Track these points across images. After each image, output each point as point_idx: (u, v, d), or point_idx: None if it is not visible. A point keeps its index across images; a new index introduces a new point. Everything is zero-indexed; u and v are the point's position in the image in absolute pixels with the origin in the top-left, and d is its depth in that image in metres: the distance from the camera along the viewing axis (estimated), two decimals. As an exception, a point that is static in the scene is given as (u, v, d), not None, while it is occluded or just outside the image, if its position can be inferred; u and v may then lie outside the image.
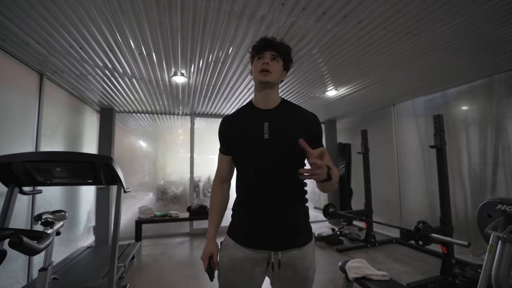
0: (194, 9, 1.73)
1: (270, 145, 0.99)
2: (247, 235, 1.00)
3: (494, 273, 1.48)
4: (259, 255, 0.98)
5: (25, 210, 2.43)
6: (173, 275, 2.88)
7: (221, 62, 2.58)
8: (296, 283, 1.00)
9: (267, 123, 1.01)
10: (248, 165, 1.02)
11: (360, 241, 3.99)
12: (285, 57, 1.05)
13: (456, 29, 1.98)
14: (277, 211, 0.98)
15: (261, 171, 1.00)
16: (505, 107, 2.85)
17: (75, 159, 1.48)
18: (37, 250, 0.89)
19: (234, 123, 1.07)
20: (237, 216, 1.07)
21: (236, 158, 1.08)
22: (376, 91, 3.55)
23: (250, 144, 1.01)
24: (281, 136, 1.00)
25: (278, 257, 0.97)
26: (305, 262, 1.00)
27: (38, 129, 2.64)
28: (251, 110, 1.08)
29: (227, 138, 1.07)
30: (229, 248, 1.02)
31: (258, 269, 0.99)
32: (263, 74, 1.00)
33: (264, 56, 1.02)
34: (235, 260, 0.99)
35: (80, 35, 2.00)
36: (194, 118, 4.91)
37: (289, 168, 1.00)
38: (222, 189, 1.15)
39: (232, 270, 0.99)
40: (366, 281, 1.83)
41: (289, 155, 1.00)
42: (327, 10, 1.75)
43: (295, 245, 0.99)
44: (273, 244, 0.98)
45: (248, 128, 1.03)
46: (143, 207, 4.26)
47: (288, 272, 0.99)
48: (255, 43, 1.05)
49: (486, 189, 3.00)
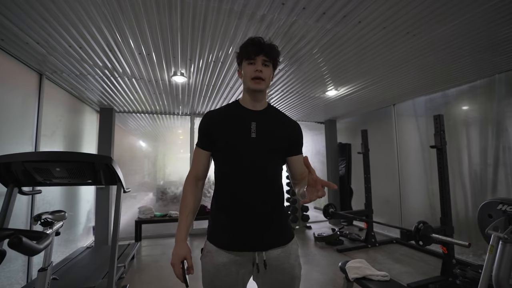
0: (194, 9, 1.72)
1: (256, 144, 0.99)
2: (229, 238, 0.97)
3: (494, 274, 1.48)
4: (244, 257, 0.97)
5: (24, 210, 2.42)
6: (173, 275, 2.85)
7: (221, 62, 2.57)
8: (283, 282, 0.99)
9: (254, 123, 1.01)
10: (232, 162, 1.00)
11: (361, 241, 3.99)
12: (275, 60, 1.03)
13: (456, 29, 1.98)
14: (259, 211, 0.98)
15: (245, 170, 0.98)
16: (506, 107, 2.85)
17: (74, 159, 1.48)
18: (36, 251, 0.88)
19: (220, 119, 1.04)
20: (216, 218, 1.02)
21: (218, 156, 1.03)
22: (376, 91, 3.55)
23: (237, 141, 0.99)
24: (268, 136, 1.01)
25: (262, 257, 0.96)
26: (291, 260, 1.00)
27: (37, 129, 2.64)
28: (239, 109, 1.06)
29: (211, 133, 1.02)
30: (212, 254, 0.98)
31: (243, 270, 0.97)
32: (256, 82, 0.99)
33: (256, 62, 0.99)
34: (220, 266, 0.96)
35: (79, 35, 2.00)
36: (194, 118, 4.90)
37: (272, 168, 1.02)
38: (197, 188, 1.07)
39: (218, 276, 0.96)
40: (366, 282, 1.82)
41: (273, 156, 1.02)
42: (327, 10, 1.74)
43: (278, 244, 0.99)
44: (256, 245, 0.97)
45: (235, 126, 1.01)
46: (143, 207, 4.26)
47: (274, 273, 0.98)
48: (243, 45, 1.02)
49: (486, 189, 3.00)
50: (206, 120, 1.05)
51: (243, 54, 1.02)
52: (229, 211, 0.99)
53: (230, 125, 1.02)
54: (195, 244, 4.08)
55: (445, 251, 2.55)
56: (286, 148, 1.06)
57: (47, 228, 1.57)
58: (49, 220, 1.59)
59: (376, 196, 4.32)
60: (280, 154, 1.05)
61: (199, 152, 1.06)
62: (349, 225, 5.18)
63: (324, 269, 2.98)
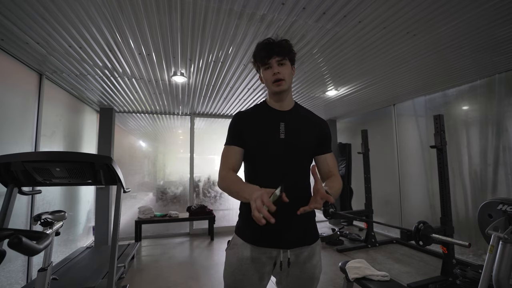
0: (194, 9, 1.72)
1: (285, 144, 1.01)
2: (256, 234, 0.99)
3: (495, 274, 1.48)
4: (267, 254, 0.98)
5: (24, 210, 2.42)
6: (173, 275, 2.87)
7: (221, 62, 2.57)
8: (303, 281, 1.00)
9: (283, 123, 1.03)
10: (262, 163, 1.01)
11: (361, 241, 3.99)
12: (290, 55, 1.03)
13: (456, 28, 1.98)
14: (288, 209, 0.97)
15: (275, 169, 1.00)
16: (506, 107, 2.84)
17: (74, 159, 1.47)
18: (36, 251, 0.88)
19: (250, 119, 1.06)
20: (245, 215, 1.05)
21: (248, 155, 1.05)
22: (376, 91, 3.55)
23: (266, 142, 1.01)
24: (296, 136, 1.02)
25: (287, 255, 0.97)
26: (313, 260, 1.01)
27: (37, 129, 2.63)
28: (267, 110, 1.08)
29: (242, 132, 1.04)
30: (237, 247, 1.01)
31: (265, 268, 0.99)
32: (277, 85, 1.00)
33: (271, 65, 1.00)
34: (243, 260, 0.98)
35: (79, 35, 2.00)
36: (194, 118, 4.90)
37: (301, 168, 1.03)
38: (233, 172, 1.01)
39: (240, 270, 0.98)
40: (366, 282, 1.82)
41: (302, 155, 1.03)
42: (327, 9, 1.74)
43: (304, 243, 1.00)
44: (282, 242, 0.97)
45: (264, 127, 1.03)
46: (143, 207, 4.25)
47: (296, 270, 0.99)
48: (255, 52, 1.03)
49: (486, 189, 3.00)
50: (238, 120, 1.07)
51: (258, 62, 1.03)
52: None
53: (259, 125, 1.04)
54: (195, 244, 4.08)
55: (445, 251, 2.55)
56: (314, 147, 1.06)
57: (47, 228, 1.57)
58: (49, 220, 1.59)
59: (376, 196, 4.31)
60: (308, 153, 1.05)
61: (230, 149, 1.04)
62: (349, 225, 5.18)
63: (324, 269, 2.98)
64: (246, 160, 1.07)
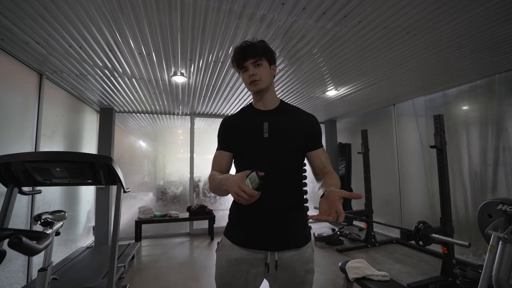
0: (194, 9, 1.72)
1: (269, 144, 1.00)
2: (243, 235, 0.99)
3: (494, 274, 1.48)
4: (256, 255, 0.97)
5: (24, 210, 2.42)
6: (173, 275, 2.87)
7: (221, 62, 2.57)
8: (294, 285, 0.98)
9: (266, 123, 1.03)
10: (249, 163, 1.02)
11: (360, 241, 3.99)
12: (266, 55, 1.04)
13: (456, 28, 1.98)
14: (276, 211, 0.98)
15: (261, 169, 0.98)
16: (506, 107, 2.84)
17: (74, 159, 1.48)
18: (36, 251, 0.88)
19: (235, 123, 1.09)
20: (234, 217, 1.05)
21: (237, 158, 1.08)
22: (376, 91, 3.55)
23: (250, 143, 1.02)
24: (281, 135, 1.01)
25: (274, 257, 0.96)
26: (304, 264, 0.99)
27: (37, 129, 2.63)
28: (252, 111, 1.10)
29: (228, 137, 1.08)
30: (226, 248, 1.01)
31: (254, 270, 0.97)
32: (254, 85, 1.02)
33: (247, 67, 1.02)
34: (232, 261, 0.98)
35: (79, 35, 2.00)
36: (194, 118, 4.90)
37: (288, 168, 1.01)
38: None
39: (229, 271, 0.98)
40: (366, 282, 1.82)
41: (288, 154, 1.01)
42: (327, 9, 1.74)
43: (292, 246, 0.98)
44: (269, 244, 0.96)
45: (248, 128, 1.05)
46: (143, 207, 4.25)
47: (286, 274, 0.97)
48: (232, 57, 1.06)
49: (486, 189, 3.00)
50: (223, 125, 1.11)
51: (235, 65, 1.06)
52: (244, 209, 0.98)
53: (244, 127, 1.06)
54: (195, 244, 4.08)
55: (445, 251, 2.55)
56: (303, 144, 1.04)
57: (47, 228, 1.57)
58: (49, 220, 1.59)
59: (376, 196, 4.31)
60: (296, 151, 1.03)
61: (218, 153, 1.09)
62: (349, 225, 5.18)
63: (324, 269, 2.98)
64: (236, 162, 1.09)
